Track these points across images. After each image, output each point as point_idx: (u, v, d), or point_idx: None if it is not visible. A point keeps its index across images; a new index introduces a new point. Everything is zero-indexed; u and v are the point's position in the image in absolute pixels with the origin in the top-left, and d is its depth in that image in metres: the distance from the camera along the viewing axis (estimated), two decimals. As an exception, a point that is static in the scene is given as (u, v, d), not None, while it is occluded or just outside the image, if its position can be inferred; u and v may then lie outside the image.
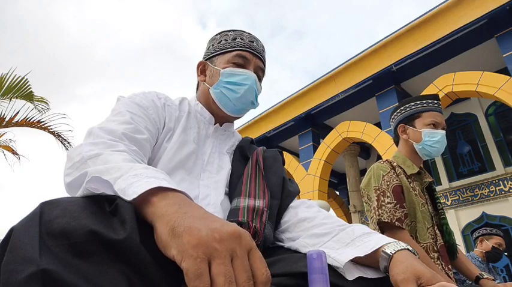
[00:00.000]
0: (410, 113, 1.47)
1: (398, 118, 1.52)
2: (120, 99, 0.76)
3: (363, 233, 0.59)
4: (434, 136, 1.39)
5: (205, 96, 0.85)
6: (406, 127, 1.47)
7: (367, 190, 1.39)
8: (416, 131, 1.42)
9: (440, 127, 1.42)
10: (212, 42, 0.89)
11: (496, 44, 4.89)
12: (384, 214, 1.24)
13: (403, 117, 1.48)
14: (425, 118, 1.42)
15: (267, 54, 0.91)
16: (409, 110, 1.47)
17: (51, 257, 0.31)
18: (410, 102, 1.48)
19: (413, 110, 1.46)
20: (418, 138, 1.42)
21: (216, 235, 0.35)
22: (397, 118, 1.53)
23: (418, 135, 1.42)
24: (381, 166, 1.40)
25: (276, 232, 0.72)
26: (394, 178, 1.34)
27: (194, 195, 0.68)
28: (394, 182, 1.32)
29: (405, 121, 1.48)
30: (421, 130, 1.41)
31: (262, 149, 0.85)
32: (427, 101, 1.45)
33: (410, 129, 1.45)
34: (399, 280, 0.48)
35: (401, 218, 1.22)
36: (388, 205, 1.26)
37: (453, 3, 4.89)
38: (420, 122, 1.43)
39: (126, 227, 0.35)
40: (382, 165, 1.40)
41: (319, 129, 7.31)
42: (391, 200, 1.27)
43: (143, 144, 0.66)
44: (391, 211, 1.24)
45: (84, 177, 0.47)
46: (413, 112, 1.46)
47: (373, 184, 1.35)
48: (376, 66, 5.77)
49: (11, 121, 4.28)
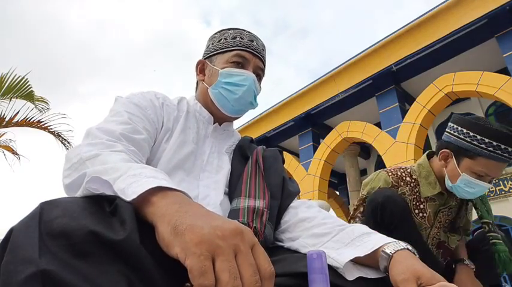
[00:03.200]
0: (466, 147, 1.16)
1: (452, 139, 1.22)
2: (118, 99, 0.75)
3: (363, 233, 0.59)
4: (472, 187, 1.17)
5: (204, 96, 0.85)
6: (450, 157, 1.22)
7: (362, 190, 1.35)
8: (456, 171, 1.19)
9: (487, 179, 1.17)
10: (212, 40, 0.88)
11: (496, 44, 4.89)
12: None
13: (456, 145, 1.19)
14: (477, 164, 1.15)
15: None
16: (468, 142, 1.16)
17: (51, 257, 0.31)
18: (476, 133, 1.14)
19: (473, 147, 1.15)
20: (454, 179, 1.20)
21: (218, 232, 0.35)
22: (451, 136, 1.23)
23: (455, 175, 1.19)
24: (386, 177, 1.26)
25: (276, 232, 0.72)
26: None
27: (193, 195, 0.68)
28: None
29: (454, 151, 1.21)
30: (462, 174, 1.17)
31: (262, 148, 0.85)
32: (498, 146, 1.10)
33: (452, 163, 1.21)
34: (399, 280, 0.48)
35: None
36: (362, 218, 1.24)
37: (453, 3, 4.89)
38: (468, 164, 1.16)
39: (125, 228, 0.35)
40: (387, 177, 1.26)
41: (319, 129, 7.31)
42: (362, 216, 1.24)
43: (141, 144, 0.66)
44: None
45: (83, 178, 0.47)
46: (469, 149, 1.15)
47: (363, 191, 1.30)
48: (376, 66, 5.77)
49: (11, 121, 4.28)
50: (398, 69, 5.71)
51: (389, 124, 5.74)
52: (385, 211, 1.13)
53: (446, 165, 1.23)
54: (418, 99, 5.39)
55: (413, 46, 5.34)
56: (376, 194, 1.18)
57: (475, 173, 1.15)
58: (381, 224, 1.13)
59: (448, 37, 5.07)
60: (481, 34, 5.01)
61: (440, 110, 5.53)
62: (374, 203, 1.16)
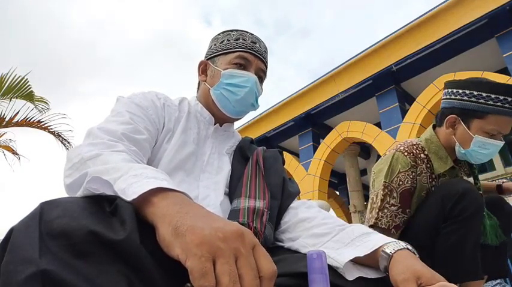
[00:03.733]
0: (473, 107, 1.12)
1: (455, 103, 1.17)
2: (120, 99, 0.76)
3: (363, 233, 0.59)
4: (487, 148, 1.13)
5: (205, 97, 0.85)
6: (457, 122, 1.17)
7: (376, 177, 1.24)
8: (467, 135, 1.14)
9: (499, 137, 1.14)
10: (214, 41, 0.88)
11: (496, 44, 4.89)
12: (382, 219, 1.15)
13: (462, 108, 1.15)
14: (488, 123, 1.11)
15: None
16: (474, 103, 1.12)
17: (51, 257, 0.31)
18: (481, 91, 1.11)
19: (480, 105, 1.11)
20: (466, 143, 1.16)
21: (219, 233, 0.35)
22: (453, 101, 1.18)
23: (467, 140, 1.15)
24: (403, 158, 1.18)
25: (276, 232, 0.72)
26: (409, 179, 1.15)
27: (194, 196, 0.68)
28: (406, 185, 1.15)
29: (461, 115, 1.16)
30: (474, 136, 1.13)
31: (262, 149, 0.85)
32: (505, 99, 1.08)
33: (461, 128, 1.16)
34: (399, 280, 0.48)
35: (400, 225, 1.16)
36: (392, 208, 1.15)
37: (453, 3, 4.89)
38: (479, 125, 1.12)
39: (125, 228, 0.35)
40: (404, 158, 1.18)
41: (319, 129, 7.31)
42: (396, 202, 1.15)
43: (143, 144, 0.66)
44: (392, 215, 1.15)
45: (84, 178, 0.47)
46: (477, 109, 1.11)
47: (384, 178, 1.18)
48: (376, 66, 5.77)
49: (11, 121, 4.28)
50: (398, 69, 5.71)
51: (389, 124, 5.74)
52: (461, 202, 1.06)
53: (454, 132, 1.18)
54: (418, 99, 5.39)
55: (413, 46, 5.34)
56: (453, 183, 1.11)
57: (487, 133, 1.12)
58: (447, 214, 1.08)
59: (448, 37, 5.07)
60: (481, 34, 5.01)
61: (440, 110, 5.54)
62: (449, 191, 1.09)
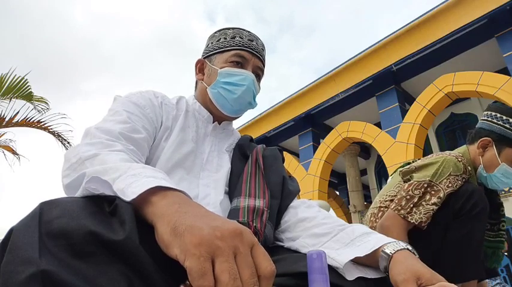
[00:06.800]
0: (509, 135, 1.15)
1: (495, 128, 1.19)
2: (117, 98, 0.75)
3: (363, 233, 0.59)
4: (508, 177, 1.16)
5: (203, 95, 0.85)
6: (490, 145, 1.19)
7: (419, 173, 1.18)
8: (495, 160, 1.17)
9: None
10: (211, 40, 0.88)
11: (496, 44, 4.89)
12: (415, 214, 1.09)
13: (500, 134, 1.17)
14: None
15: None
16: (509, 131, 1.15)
17: (51, 257, 0.31)
18: None
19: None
20: (491, 168, 1.18)
21: (217, 233, 0.35)
22: (494, 125, 1.19)
23: (493, 164, 1.18)
24: (457, 163, 1.16)
25: (275, 232, 0.72)
26: (458, 183, 1.13)
27: (194, 194, 0.68)
28: (454, 188, 1.12)
29: (496, 140, 1.18)
30: (501, 163, 1.16)
31: (261, 147, 0.84)
32: None
33: (491, 152, 1.18)
34: (399, 280, 0.48)
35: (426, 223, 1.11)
36: (430, 207, 1.10)
37: (453, 3, 4.88)
38: (509, 153, 1.15)
39: (125, 228, 0.35)
40: (458, 163, 1.16)
41: (319, 129, 7.31)
42: (438, 202, 1.10)
43: (141, 143, 0.66)
44: (427, 213, 1.09)
45: (82, 178, 0.46)
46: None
47: (431, 177, 1.14)
48: (376, 66, 5.77)
49: (11, 121, 4.28)
50: (398, 69, 5.70)
51: (389, 124, 5.74)
52: (472, 199, 1.09)
53: (483, 153, 1.20)
54: (418, 99, 5.39)
55: (413, 46, 5.33)
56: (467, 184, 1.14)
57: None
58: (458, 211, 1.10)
59: (448, 37, 5.06)
60: (481, 34, 5.01)
61: (440, 110, 5.53)
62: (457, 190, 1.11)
